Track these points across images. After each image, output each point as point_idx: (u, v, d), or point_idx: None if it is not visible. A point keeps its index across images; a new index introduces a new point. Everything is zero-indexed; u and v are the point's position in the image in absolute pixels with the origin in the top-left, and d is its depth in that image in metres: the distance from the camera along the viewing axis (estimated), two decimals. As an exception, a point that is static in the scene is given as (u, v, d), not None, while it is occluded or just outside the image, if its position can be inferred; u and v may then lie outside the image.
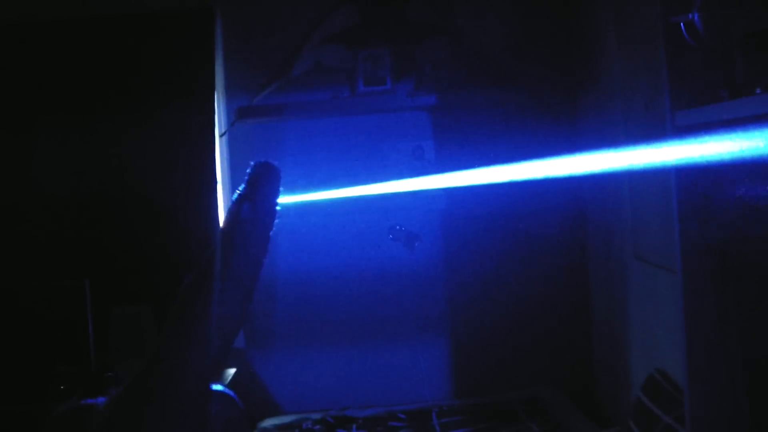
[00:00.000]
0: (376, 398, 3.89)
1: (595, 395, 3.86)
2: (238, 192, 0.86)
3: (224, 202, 3.75)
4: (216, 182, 3.73)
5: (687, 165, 1.60)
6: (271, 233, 0.82)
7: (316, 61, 3.75)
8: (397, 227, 3.88)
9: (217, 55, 3.80)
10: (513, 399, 3.76)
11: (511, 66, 3.81)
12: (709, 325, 1.67)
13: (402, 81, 3.78)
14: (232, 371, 3.68)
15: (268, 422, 3.76)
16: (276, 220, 0.84)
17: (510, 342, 3.92)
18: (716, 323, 1.66)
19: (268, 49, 3.86)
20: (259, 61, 3.84)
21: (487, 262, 3.92)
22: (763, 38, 1.39)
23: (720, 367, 1.66)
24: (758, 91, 1.39)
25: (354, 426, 3.65)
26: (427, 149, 3.94)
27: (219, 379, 3.70)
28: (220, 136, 3.77)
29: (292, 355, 3.96)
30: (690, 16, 1.33)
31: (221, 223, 0.84)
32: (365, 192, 3.82)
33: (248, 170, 0.86)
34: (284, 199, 0.92)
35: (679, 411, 2.56)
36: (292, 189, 3.59)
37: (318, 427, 3.66)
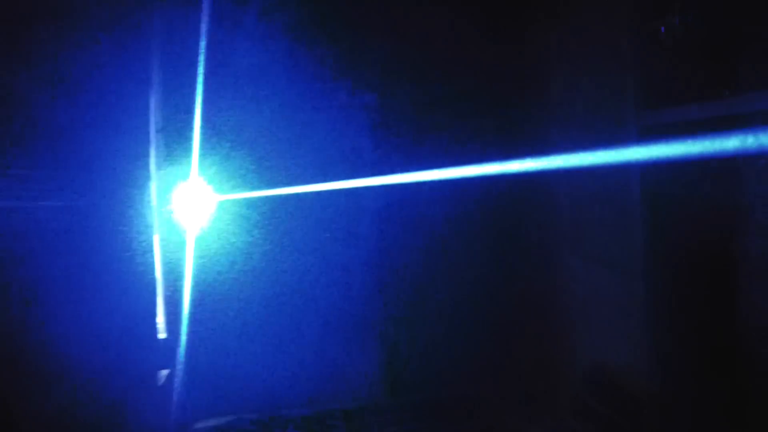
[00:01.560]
0: (311, 398, 3.86)
1: (532, 389, 3.92)
2: None
3: (158, 195, 3.67)
4: (150, 178, 3.64)
5: (650, 164, 1.65)
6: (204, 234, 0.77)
7: (257, 58, 3.71)
8: (335, 225, 3.86)
9: (154, 51, 3.71)
10: (448, 397, 3.79)
11: (454, 66, 3.84)
12: (669, 318, 1.72)
13: (344, 79, 3.77)
14: (165, 372, 3.60)
15: (203, 424, 3.69)
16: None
17: (445, 340, 3.95)
18: (676, 316, 1.72)
19: (207, 46, 3.78)
20: (197, 58, 3.76)
21: (422, 261, 3.94)
22: (727, 44, 1.44)
23: (681, 357, 1.72)
24: (726, 93, 1.44)
25: (291, 426, 3.62)
26: (367, 146, 3.94)
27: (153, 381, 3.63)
28: (157, 131, 3.68)
29: (227, 357, 3.88)
30: (663, 26, 1.37)
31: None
32: (304, 189, 3.83)
33: None
34: (218, 197, 0.87)
35: (618, 404, 2.64)
36: (230, 186, 3.52)
37: (254, 427, 3.61)
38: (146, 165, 3.62)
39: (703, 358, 1.75)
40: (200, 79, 3.71)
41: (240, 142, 3.81)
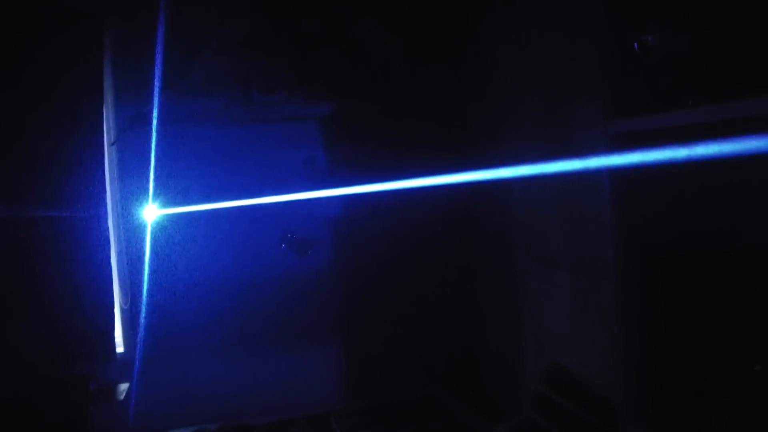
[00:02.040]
0: (273, 406, 3.90)
1: (487, 390, 4.03)
2: None
3: (113, 209, 3.67)
4: (105, 191, 3.63)
5: (619, 171, 1.76)
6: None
7: (210, 70, 3.73)
8: (290, 235, 3.91)
9: (106, 63, 3.70)
10: (409, 399, 3.88)
11: (404, 77, 3.94)
12: (639, 318, 1.84)
13: (296, 91, 3.83)
14: (125, 386, 3.59)
15: (165, 435, 3.69)
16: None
17: (405, 344, 4.04)
18: (645, 316, 1.84)
19: (160, 59, 3.79)
20: (151, 71, 3.77)
21: (380, 267, 4.03)
22: (689, 55, 1.57)
23: (650, 357, 1.83)
24: (690, 102, 1.57)
25: (253, 435, 3.66)
26: (320, 158, 4.00)
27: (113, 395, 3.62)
28: (110, 145, 3.68)
29: (187, 368, 3.89)
30: (646, 36, 1.49)
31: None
32: (259, 201, 3.87)
33: None
34: (177, 209, 0.91)
35: (579, 398, 2.77)
36: (185, 198, 3.55)
37: (216, 437, 3.63)
38: (101, 178, 3.62)
39: (665, 359, 1.87)
40: (155, 91, 3.72)
41: (196, 155, 3.83)
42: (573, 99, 2.36)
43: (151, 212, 3.73)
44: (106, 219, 3.63)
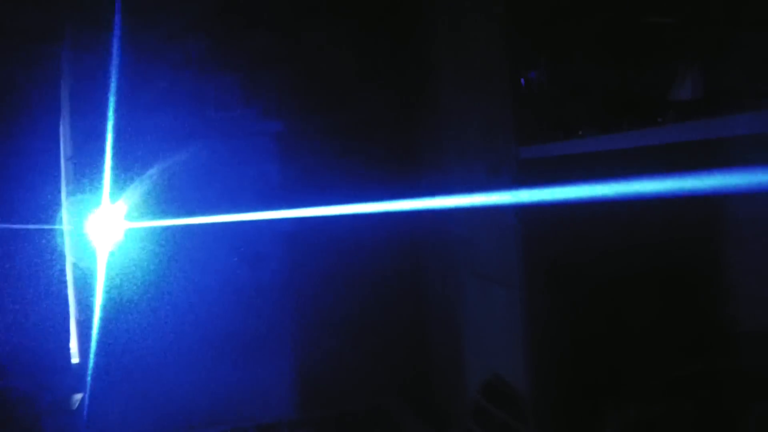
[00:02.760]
0: (225, 417, 3.97)
1: (434, 401, 4.14)
2: None
3: (68, 222, 3.74)
4: (61, 205, 3.70)
5: (527, 193, 1.88)
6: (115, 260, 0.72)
7: (164, 87, 3.82)
8: (242, 248, 4.00)
9: (64, 79, 3.78)
10: (358, 410, 3.98)
11: (355, 95, 4.05)
12: (543, 332, 1.96)
13: (249, 107, 3.92)
14: (79, 396, 3.65)
15: (117, 446, 3.75)
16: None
17: (354, 356, 4.13)
18: (550, 330, 1.95)
19: (115, 75, 3.87)
20: (107, 87, 3.84)
21: (329, 281, 4.12)
22: (587, 90, 1.70)
23: (554, 367, 1.95)
24: (581, 132, 1.69)
25: (206, 443, 3.73)
26: (273, 173, 4.09)
27: (67, 405, 3.67)
28: (67, 160, 3.75)
29: (141, 379, 3.95)
30: (531, 74, 1.61)
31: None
32: (211, 220, 3.95)
33: None
34: (129, 225, 0.97)
35: (512, 408, 2.88)
36: (138, 213, 3.64)
37: (169, 447, 3.70)
38: (57, 191, 3.69)
39: (572, 363, 1.98)
40: (110, 107, 3.80)
41: (150, 171, 3.91)
42: (495, 127, 2.49)
43: (107, 226, 3.80)
44: (62, 232, 3.70)
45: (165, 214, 3.84)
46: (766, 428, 1.38)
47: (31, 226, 3.68)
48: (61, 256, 3.65)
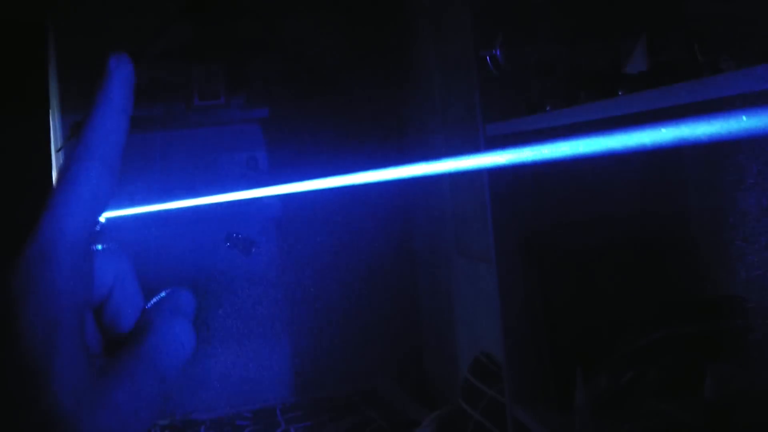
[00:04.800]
0: (220, 402, 4.02)
1: (427, 381, 4.18)
2: None
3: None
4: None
5: (496, 168, 1.91)
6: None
7: (151, 76, 3.84)
8: (234, 234, 4.03)
9: (51, 68, 3.80)
10: (352, 392, 4.02)
11: (341, 79, 4.07)
12: (519, 305, 1.99)
13: (235, 95, 3.94)
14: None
15: (114, 433, 3.79)
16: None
17: (347, 339, 4.17)
18: (525, 302, 1.99)
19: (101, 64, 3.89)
20: (94, 78, 3.86)
21: (321, 264, 4.16)
22: (550, 67, 1.72)
23: (529, 339, 1.98)
24: (548, 108, 1.71)
25: (202, 428, 3.78)
26: (261, 159, 4.12)
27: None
28: (57, 151, 3.78)
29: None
30: (494, 51, 1.63)
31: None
32: (202, 202, 3.98)
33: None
34: (122, 212, 0.94)
35: (500, 385, 2.92)
36: (130, 202, 3.67)
37: (166, 432, 3.75)
38: (47, 182, 3.72)
39: (545, 335, 2.01)
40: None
41: (140, 159, 3.94)
42: (471, 106, 2.52)
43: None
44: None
45: (156, 201, 3.87)
46: (720, 386, 1.42)
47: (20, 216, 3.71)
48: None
